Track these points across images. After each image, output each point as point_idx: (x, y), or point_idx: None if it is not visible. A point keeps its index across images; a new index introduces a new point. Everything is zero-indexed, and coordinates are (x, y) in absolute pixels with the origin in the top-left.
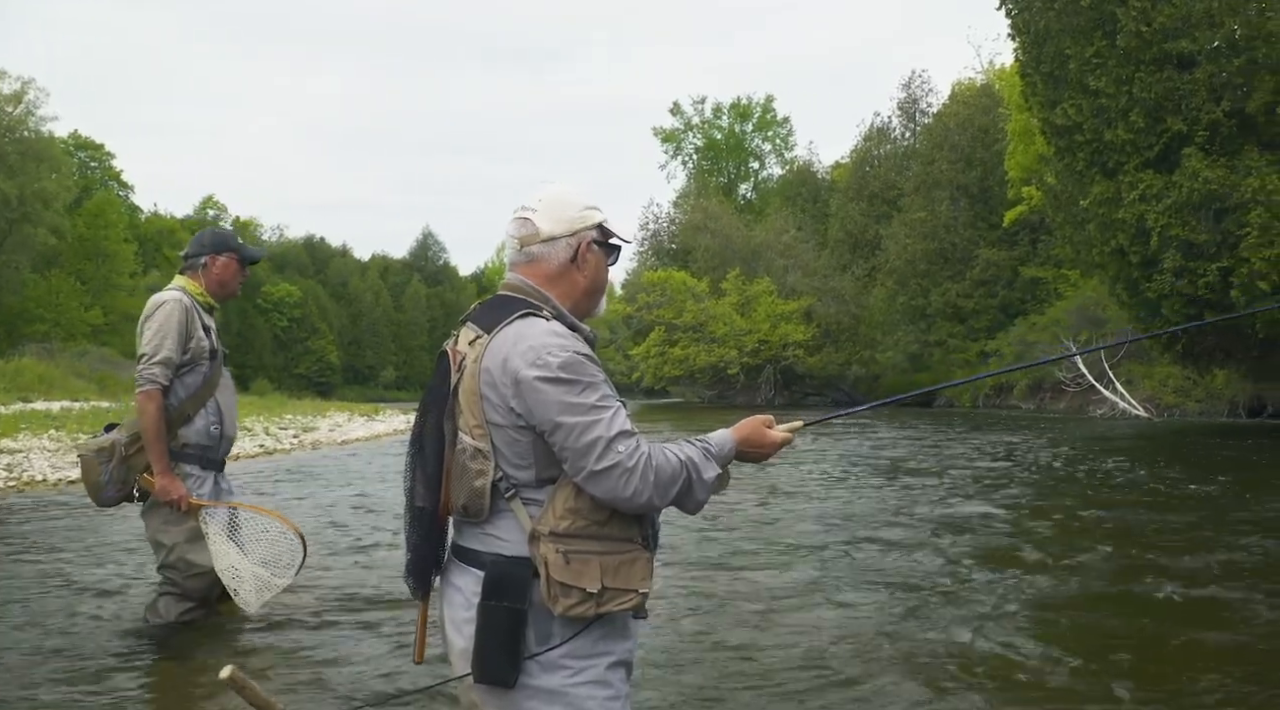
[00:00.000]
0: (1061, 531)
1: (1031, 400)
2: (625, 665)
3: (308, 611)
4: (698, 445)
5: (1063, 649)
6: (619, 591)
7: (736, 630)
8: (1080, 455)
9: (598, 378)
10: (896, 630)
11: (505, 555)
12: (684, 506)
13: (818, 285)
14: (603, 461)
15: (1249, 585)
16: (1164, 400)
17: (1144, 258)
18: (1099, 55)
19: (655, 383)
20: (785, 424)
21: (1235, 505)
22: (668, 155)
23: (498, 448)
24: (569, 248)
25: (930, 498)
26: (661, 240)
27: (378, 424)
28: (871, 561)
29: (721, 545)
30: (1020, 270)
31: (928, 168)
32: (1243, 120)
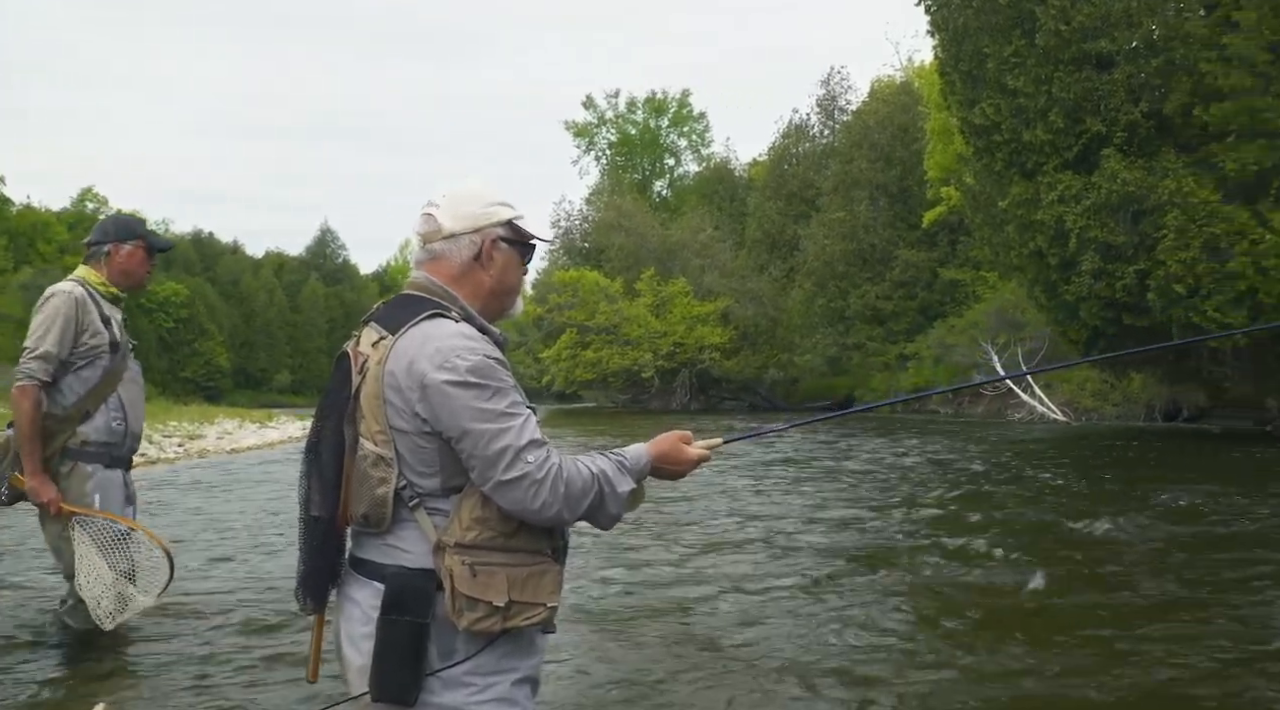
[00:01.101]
0: (948, 529)
1: (950, 405)
2: (532, 682)
3: (190, 629)
4: (612, 458)
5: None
6: (527, 605)
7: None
8: (987, 457)
9: (508, 383)
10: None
11: (408, 567)
12: (596, 521)
13: (735, 286)
14: (511, 472)
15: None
16: (1082, 404)
17: (1062, 260)
18: (1018, 54)
19: (566, 387)
20: (703, 440)
21: (1117, 497)
22: (580, 150)
23: (401, 454)
24: (472, 246)
25: (830, 500)
26: (574, 239)
27: (271, 431)
28: (774, 562)
29: (630, 552)
30: (939, 272)
31: (846, 167)
32: (1160, 122)
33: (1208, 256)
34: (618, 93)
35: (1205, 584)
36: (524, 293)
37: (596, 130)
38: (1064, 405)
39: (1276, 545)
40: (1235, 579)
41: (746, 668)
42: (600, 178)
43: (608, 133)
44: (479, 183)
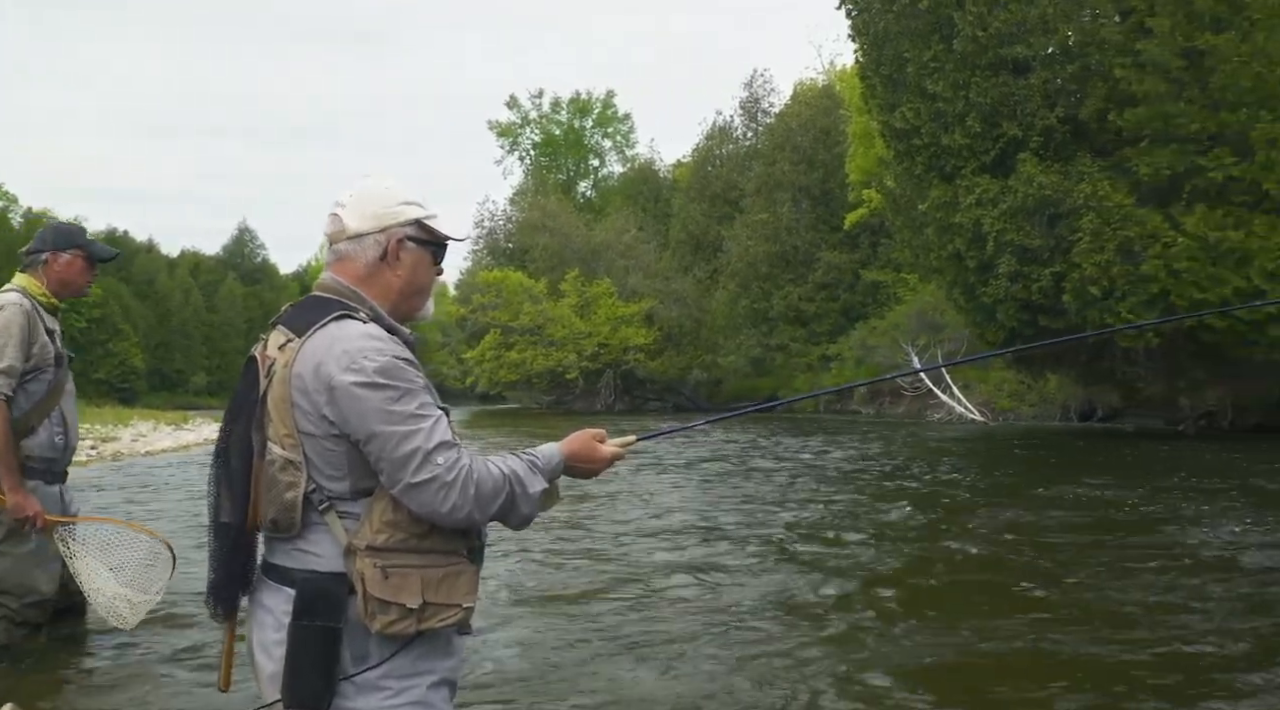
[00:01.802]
0: (836, 521)
1: (871, 405)
2: (449, 684)
3: (99, 636)
4: (523, 458)
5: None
6: (441, 607)
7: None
8: (895, 456)
9: (417, 384)
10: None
11: (319, 571)
12: (507, 522)
13: (659, 287)
14: (420, 474)
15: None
16: (999, 404)
17: (980, 262)
18: (937, 59)
19: (490, 387)
20: (617, 439)
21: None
22: (504, 150)
23: (310, 458)
24: (378, 245)
25: (733, 496)
26: (497, 239)
27: (186, 433)
28: (677, 560)
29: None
30: (861, 273)
31: (769, 168)
32: (1076, 127)
33: (1122, 259)
34: (542, 93)
35: (1073, 565)
36: (447, 293)
37: (520, 130)
38: (982, 405)
39: (1148, 531)
40: (1105, 561)
41: (648, 651)
42: (524, 178)
43: (532, 133)
44: (386, 181)
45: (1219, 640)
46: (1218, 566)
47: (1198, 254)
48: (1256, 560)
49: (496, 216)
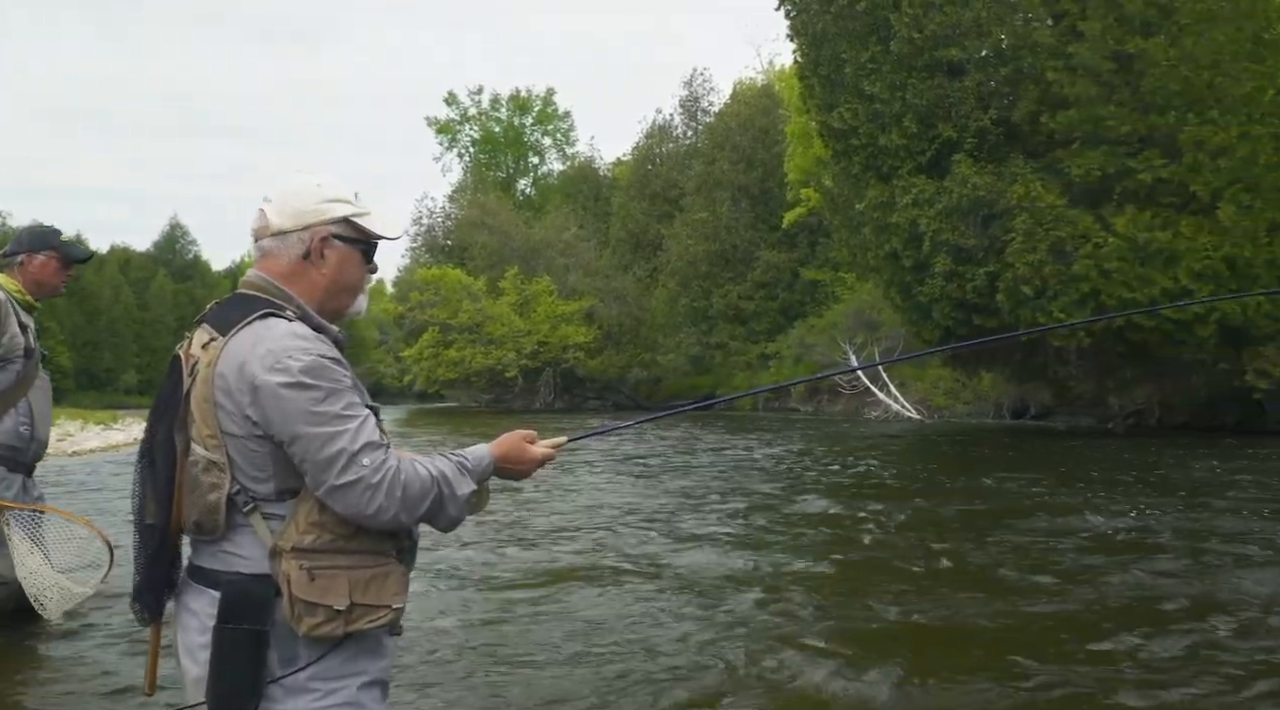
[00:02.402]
0: (757, 516)
1: (810, 403)
2: (380, 685)
3: (22, 637)
4: (452, 460)
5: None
6: (370, 608)
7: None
8: (826, 452)
9: (344, 383)
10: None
11: (244, 573)
12: (436, 523)
13: (599, 285)
14: (345, 476)
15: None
16: (935, 402)
17: (916, 261)
18: (874, 60)
19: (429, 386)
20: (548, 439)
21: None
22: (443, 147)
23: (233, 459)
24: (302, 243)
25: (664, 493)
26: (436, 236)
27: (115, 432)
28: (606, 554)
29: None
30: (800, 272)
31: (709, 167)
32: (1009, 128)
33: (1054, 259)
34: (481, 89)
35: (970, 544)
36: (384, 291)
37: (460, 127)
38: (918, 403)
39: (1048, 516)
40: (1001, 542)
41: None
42: (463, 175)
43: (471, 130)
44: (314, 178)
45: (1095, 606)
46: (1101, 544)
47: (1127, 254)
48: (1134, 538)
49: (435, 213)
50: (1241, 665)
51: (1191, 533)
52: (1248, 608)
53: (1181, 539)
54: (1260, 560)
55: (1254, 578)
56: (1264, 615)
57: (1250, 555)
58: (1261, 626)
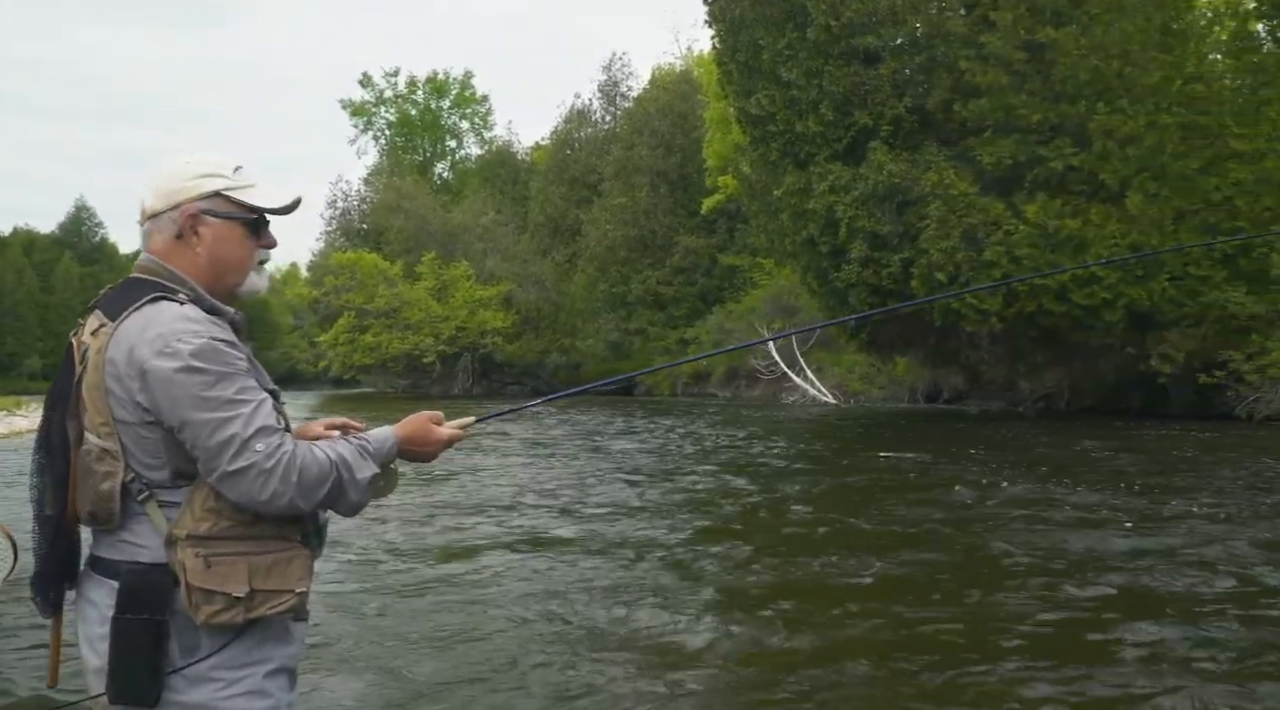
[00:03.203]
0: (643, 494)
1: (728, 388)
2: (288, 672)
3: None
4: (353, 443)
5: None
6: (272, 594)
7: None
8: (733, 435)
9: (237, 367)
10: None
11: (143, 562)
12: (337, 508)
13: (518, 270)
14: (237, 462)
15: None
16: (851, 387)
17: (833, 247)
18: (791, 47)
19: (344, 372)
20: (455, 420)
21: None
22: (358, 130)
23: (127, 447)
24: (173, 222)
25: (570, 474)
26: (351, 220)
27: (18, 419)
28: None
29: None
30: (718, 258)
31: (628, 153)
32: (923, 116)
33: (966, 246)
34: (397, 72)
35: (850, 512)
36: (299, 275)
37: (375, 109)
38: (834, 388)
39: (926, 488)
40: (878, 508)
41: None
42: (379, 158)
43: (387, 112)
44: (187, 156)
45: (955, 560)
46: (958, 512)
47: (1037, 241)
48: (990, 507)
49: (350, 197)
50: (1036, 599)
51: (1044, 502)
52: (1060, 559)
53: (1032, 508)
54: (1091, 523)
55: (1077, 538)
56: (1071, 571)
57: (1085, 519)
58: (1062, 577)
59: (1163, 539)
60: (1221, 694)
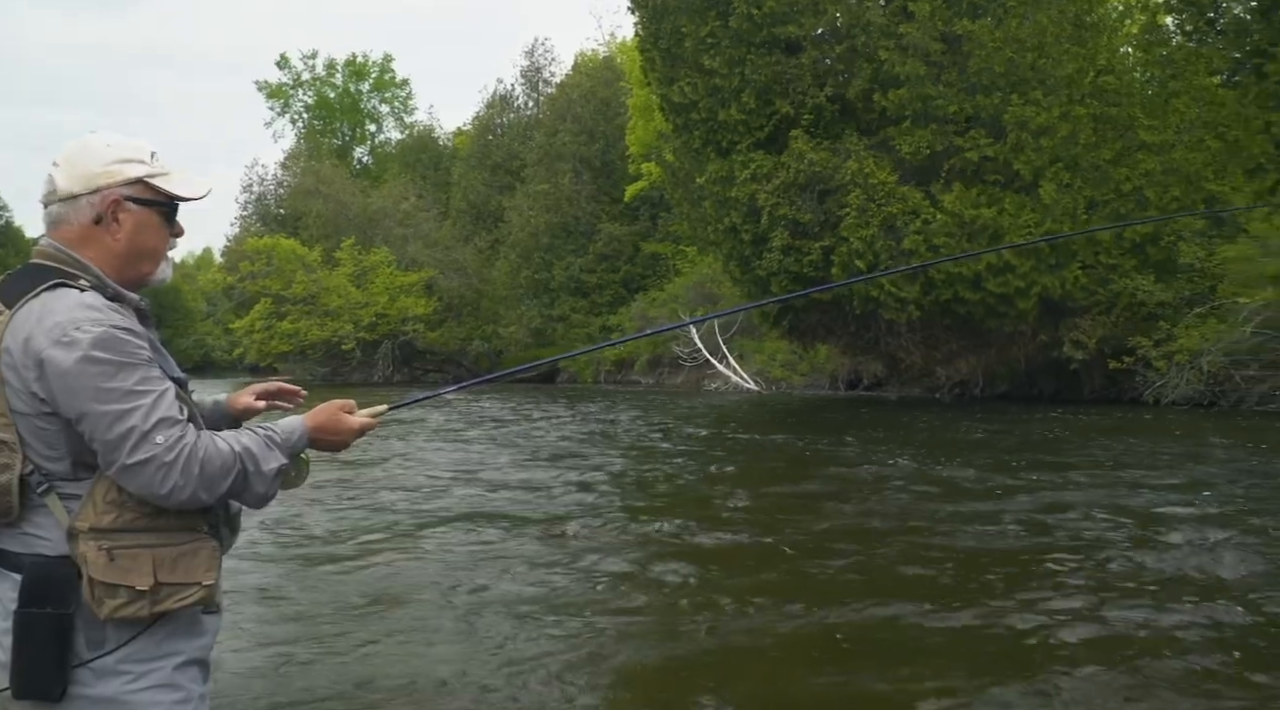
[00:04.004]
0: (549, 476)
1: (651, 375)
2: (198, 664)
3: None
4: (260, 434)
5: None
6: (178, 587)
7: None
8: (648, 422)
9: (139, 357)
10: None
11: (46, 555)
12: (244, 500)
13: (439, 257)
14: (136, 455)
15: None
16: (773, 374)
17: (755, 236)
18: (713, 35)
19: (261, 359)
20: (367, 409)
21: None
22: (274, 112)
23: (24, 438)
24: (91, 207)
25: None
26: (268, 204)
27: None
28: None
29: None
30: (641, 246)
31: (551, 139)
32: (844, 105)
33: (885, 234)
34: (315, 54)
35: (752, 486)
36: (212, 260)
37: (292, 92)
38: (756, 375)
39: (824, 467)
40: (773, 485)
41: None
42: (297, 142)
43: (305, 95)
44: (105, 137)
45: (839, 526)
46: (850, 487)
47: (954, 230)
48: (874, 481)
49: (267, 181)
50: (878, 560)
51: (922, 477)
52: (922, 520)
53: (913, 482)
54: (960, 495)
55: (946, 510)
56: (929, 535)
57: (953, 490)
58: (920, 539)
59: (1006, 506)
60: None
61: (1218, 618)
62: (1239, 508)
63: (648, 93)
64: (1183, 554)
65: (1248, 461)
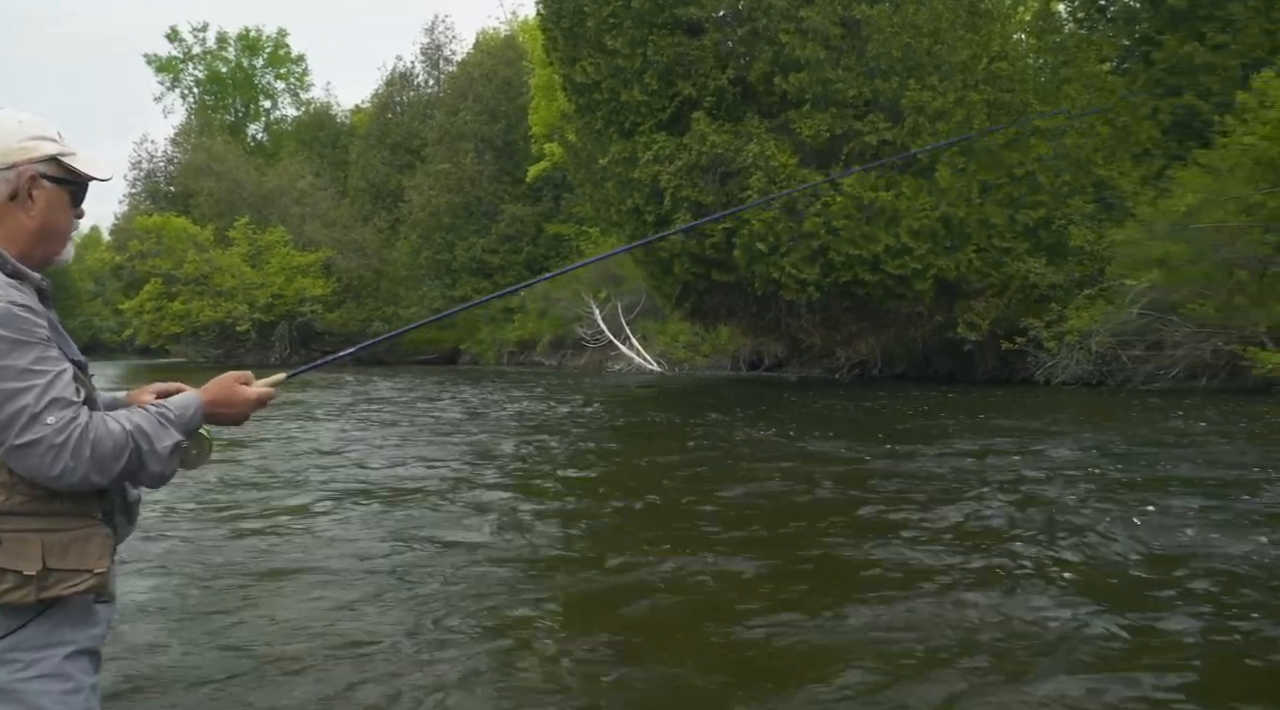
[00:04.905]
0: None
1: (554, 357)
2: (90, 654)
3: None
4: (152, 412)
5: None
6: (68, 573)
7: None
8: (539, 403)
9: (35, 335)
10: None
11: None
12: (140, 481)
13: (338, 237)
14: (25, 435)
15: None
16: (675, 356)
17: (658, 217)
18: (616, 15)
19: (151, 341)
20: (265, 378)
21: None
22: (164, 87)
23: None
24: (7, 184)
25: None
26: (158, 181)
27: None
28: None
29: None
30: (544, 226)
31: (452, 118)
32: (745, 88)
33: (786, 217)
34: (206, 27)
35: (628, 458)
36: (100, 239)
37: (182, 66)
38: (659, 356)
39: (694, 440)
40: (651, 457)
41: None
42: (187, 117)
43: (196, 69)
44: (16, 114)
45: (716, 494)
46: (727, 453)
47: (853, 212)
48: (747, 450)
49: (156, 158)
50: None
51: (783, 449)
52: (778, 483)
53: (775, 454)
54: (816, 461)
55: (781, 466)
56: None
57: (812, 459)
58: (765, 508)
59: (828, 468)
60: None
61: (1019, 555)
62: (1091, 471)
63: (550, 72)
64: (1011, 508)
65: (1112, 434)
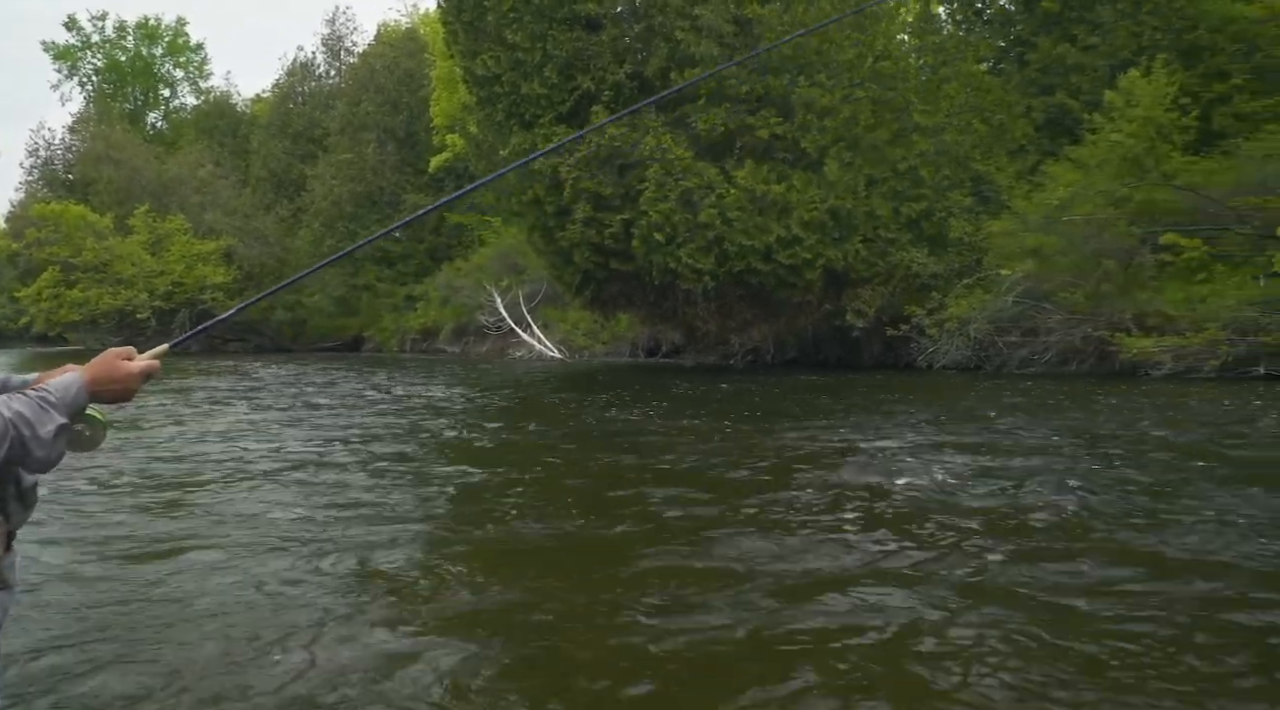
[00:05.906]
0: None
1: (457, 344)
2: None
3: None
4: (33, 396)
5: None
6: None
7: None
8: (429, 382)
9: None
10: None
11: None
12: (26, 466)
13: (239, 225)
14: None
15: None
16: (576, 343)
17: (558, 208)
18: (516, 10)
19: (49, 328)
20: (148, 351)
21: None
22: (61, 75)
23: None
24: None
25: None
26: (55, 169)
27: None
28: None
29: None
30: (446, 216)
31: (354, 109)
32: (642, 83)
33: (682, 208)
34: (105, 15)
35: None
36: None
37: (81, 54)
38: (560, 344)
39: (595, 418)
40: (546, 436)
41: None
42: (86, 105)
43: (94, 58)
44: None
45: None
46: (612, 430)
47: (746, 204)
48: (634, 428)
49: (54, 145)
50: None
51: (672, 430)
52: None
53: (655, 432)
54: (702, 437)
55: (677, 451)
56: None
57: (683, 433)
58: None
59: (687, 445)
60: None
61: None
62: (947, 445)
63: (451, 64)
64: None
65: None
